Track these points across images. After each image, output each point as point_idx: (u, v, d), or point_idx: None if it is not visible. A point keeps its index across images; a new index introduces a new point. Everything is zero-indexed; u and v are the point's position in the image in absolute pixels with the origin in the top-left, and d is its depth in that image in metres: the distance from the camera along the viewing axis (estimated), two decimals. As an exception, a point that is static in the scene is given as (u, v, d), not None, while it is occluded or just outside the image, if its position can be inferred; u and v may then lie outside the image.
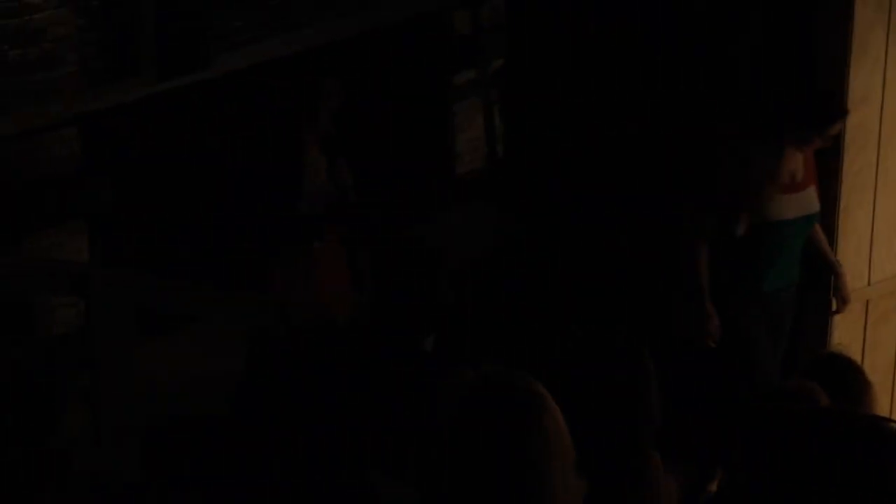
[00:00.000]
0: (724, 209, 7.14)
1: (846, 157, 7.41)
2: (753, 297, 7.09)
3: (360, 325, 3.33)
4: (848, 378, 4.77)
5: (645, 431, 3.82)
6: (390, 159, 9.48)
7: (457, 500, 2.83)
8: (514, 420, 2.84)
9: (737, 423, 4.06)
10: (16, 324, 8.34)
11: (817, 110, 6.85)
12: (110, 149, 8.67)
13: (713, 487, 4.63)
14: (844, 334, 7.50)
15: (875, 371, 7.31)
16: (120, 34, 8.60)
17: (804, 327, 7.50)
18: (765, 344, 7.14)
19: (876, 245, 7.62)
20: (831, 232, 7.47)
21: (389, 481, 3.17)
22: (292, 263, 6.78)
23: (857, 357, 6.30)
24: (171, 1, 8.62)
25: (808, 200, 7.14)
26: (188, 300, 6.34)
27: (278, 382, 2.98)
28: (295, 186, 6.67)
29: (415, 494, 2.98)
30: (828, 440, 3.13)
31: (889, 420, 3.17)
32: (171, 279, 6.37)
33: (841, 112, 6.95)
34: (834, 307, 7.40)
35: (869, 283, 7.64)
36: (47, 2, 8.19)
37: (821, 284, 7.43)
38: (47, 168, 8.37)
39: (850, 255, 7.51)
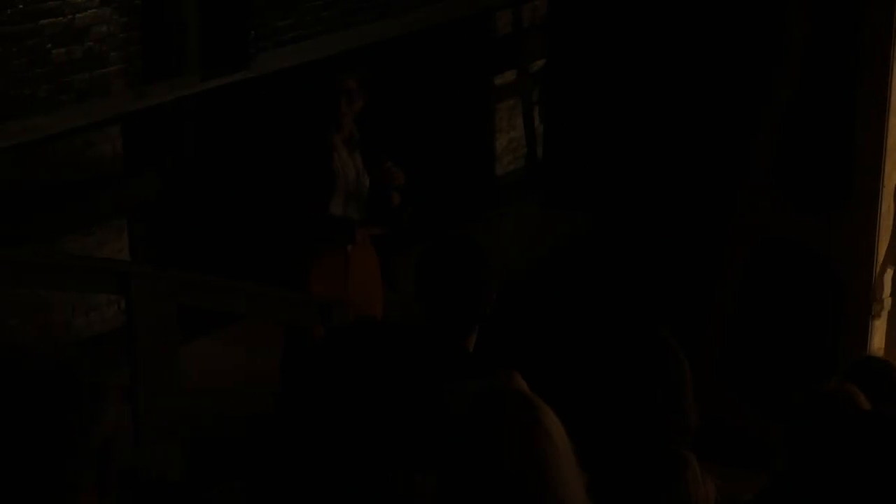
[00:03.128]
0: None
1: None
2: None
3: (399, 325, 3.32)
4: (887, 381, 4.75)
5: (678, 431, 3.80)
6: (431, 160, 9.47)
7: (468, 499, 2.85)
8: (521, 419, 2.85)
9: (788, 425, 4.06)
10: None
11: None
12: (153, 147, 8.71)
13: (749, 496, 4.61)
14: (883, 338, 7.48)
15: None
16: (163, 33, 8.64)
17: (843, 330, 7.47)
18: None
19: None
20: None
21: (425, 480, 3.17)
22: (328, 263, 6.78)
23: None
24: (214, 1, 8.65)
25: None
26: (229, 298, 6.35)
27: (318, 381, 2.98)
28: (329, 187, 6.67)
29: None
30: (879, 444, 3.13)
31: None
32: (212, 277, 6.39)
33: None
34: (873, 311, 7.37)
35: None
36: (90, 1, 8.24)
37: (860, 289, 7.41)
38: (91, 166, 8.42)
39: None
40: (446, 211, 9.99)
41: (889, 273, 7.48)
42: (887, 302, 7.46)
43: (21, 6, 7.84)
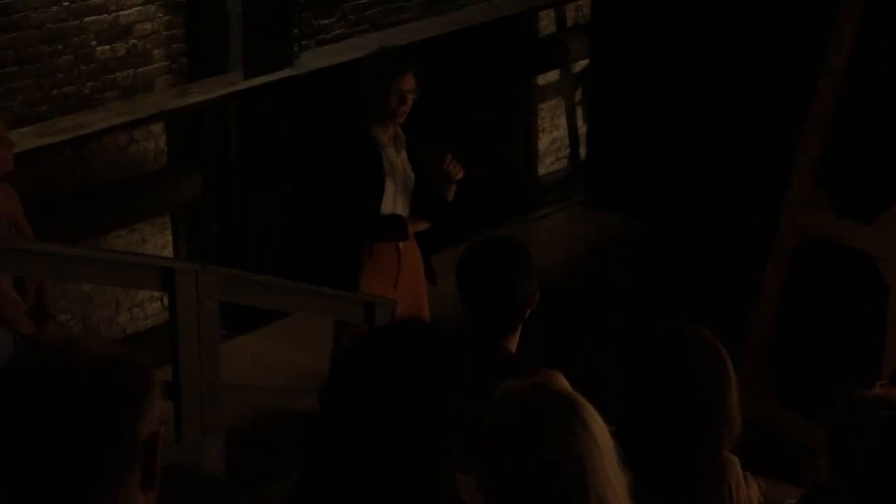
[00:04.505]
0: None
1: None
2: None
3: (441, 325, 3.31)
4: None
5: (722, 433, 3.78)
6: (473, 159, 9.46)
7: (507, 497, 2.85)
8: (563, 418, 2.83)
9: (830, 430, 4.02)
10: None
11: None
12: (196, 145, 8.74)
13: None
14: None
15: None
16: (207, 31, 8.66)
17: (888, 334, 7.41)
18: None
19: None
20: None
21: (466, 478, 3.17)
22: (381, 260, 6.79)
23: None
24: (257, -1, 8.68)
25: None
26: (272, 295, 6.36)
27: (367, 379, 2.98)
28: (379, 184, 6.68)
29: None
30: None
31: None
32: (255, 274, 6.39)
33: None
34: None
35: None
36: (135, -2, 8.29)
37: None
38: (134, 163, 8.45)
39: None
40: (488, 211, 9.98)
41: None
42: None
43: (66, 3, 7.88)
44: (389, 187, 6.72)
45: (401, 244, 6.83)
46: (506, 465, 2.83)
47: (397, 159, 6.77)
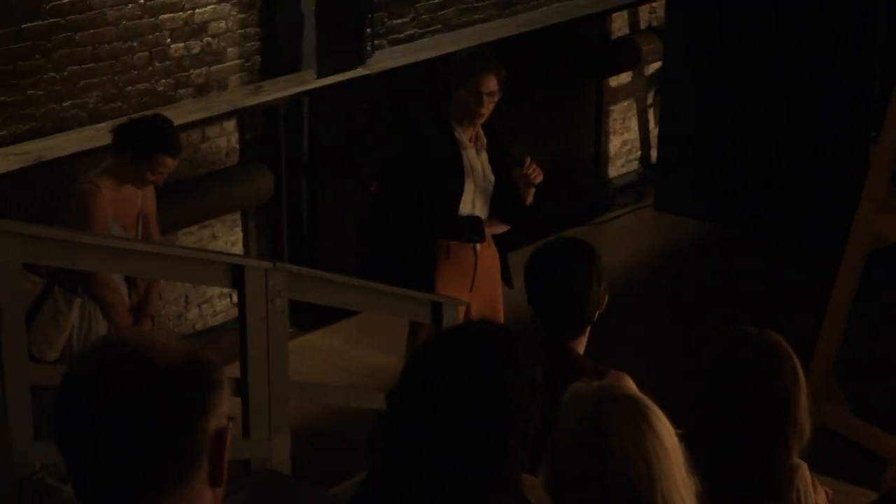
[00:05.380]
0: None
1: None
2: None
3: (518, 326, 3.31)
4: None
5: (790, 438, 3.76)
6: (544, 161, 9.44)
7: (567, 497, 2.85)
8: (631, 420, 2.82)
9: None
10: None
11: None
12: (268, 142, 8.78)
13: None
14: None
15: None
16: (280, 30, 8.70)
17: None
18: None
19: None
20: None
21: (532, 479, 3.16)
22: (458, 261, 6.81)
23: None
24: (331, -2, 8.71)
25: None
26: (340, 294, 6.38)
27: (437, 379, 2.99)
28: (459, 185, 6.69)
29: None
30: None
31: None
32: (323, 272, 6.41)
33: None
34: None
35: None
36: (210, -3, 8.34)
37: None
38: (207, 160, 8.50)
39: None
40: (558, 213, 9.96)
41: None
42: None
43: (142, 1, 7.95)
44: (469, 188, 6.73)
45: (478, 246, 6.84)
46: (573, 467, 2.83)
47: (477, 160, 6.77)
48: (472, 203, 6.76)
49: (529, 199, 6.78)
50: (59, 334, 6.10)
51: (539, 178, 6.70)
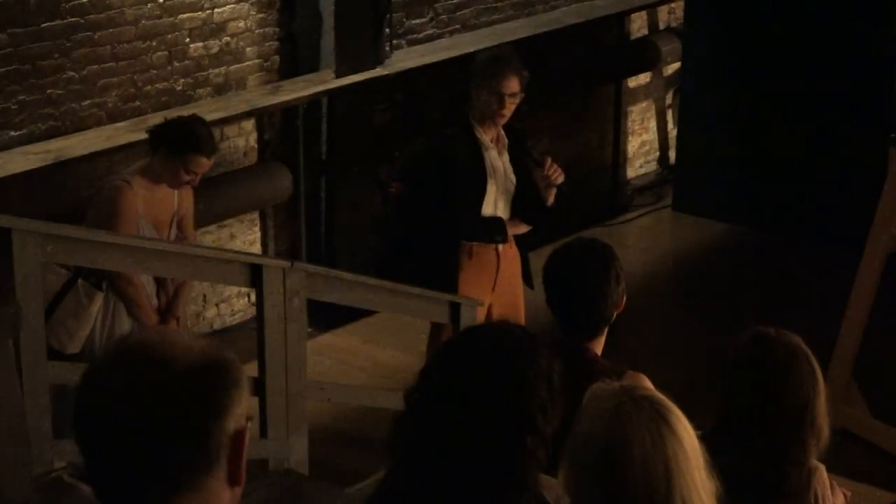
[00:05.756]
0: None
1: None
2: None
3: (538, 327, 3.31)
4: None
5: (809, 441, 3.75)
6: (562, 161, 9.44)
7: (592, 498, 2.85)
8: (650, 421, 2.82)
9: None
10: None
11: None
12: (286, 142, 8.79)
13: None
14: None
15: None
16: (299, 30, 8.71)
17: None
18: None
19: None
20: None
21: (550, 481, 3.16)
22: (480, 261, 6.81)
23: None
24: (350, -1, 8.71)
25: None
26: (358, 293, 6.38)
27: (455, 379, 2.99)
28: (482, 186, 6.69)
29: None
30: None
31: None
32: (341, 272, 6.42)
33: None
34: None
35: None
36: (229, -4, 8.35)
37: None
38: (225, 159, 8.51)
39: None
40: (576, 213, 9.95)
41: None
42: None
43: (161, 0, 7.96)
44: (491, 189, 6.73)
45: (500, 246, 6.84)
46: (592, 467, 2.83)
47: (499, 161, 6.77)
48: (494, 204, 6.77)
49: (550, 200, 6.77)
50: (80, 327, 6.12)
51: (560, 179, 6.70)
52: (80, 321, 6.13)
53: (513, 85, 6.64)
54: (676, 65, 11.38)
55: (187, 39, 8.18)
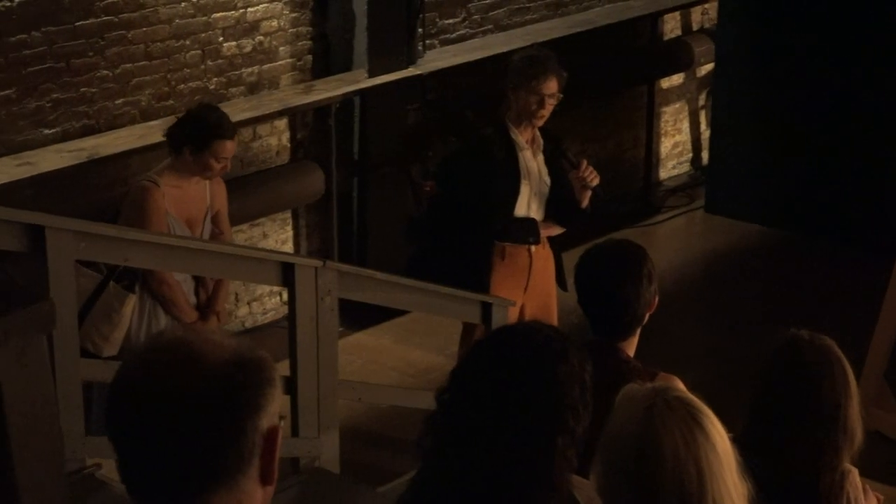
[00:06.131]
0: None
1: None
2: None
3: (570, 328, 3.31)
4: None
5: (841, 444, 3.74)
6: (595, 162, 9.42)
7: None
8: (683, 423, 2.81)
9: None
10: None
11: None
12: (319, 141, 8.80)
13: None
14: None
15: None
16: (332, 29, 8.72)
17: None
18: None
19: None
20: None
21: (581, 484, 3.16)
22: (513, 262, 6.81)
23: None
24: (383, -2, 8.72)
25: None
26: (390, 293, 6.38)
27: (487, 379, 2.99)
28: (515, 187, 6.68)
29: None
30: None
31: None
32: (374, 271, 6.42)
33: None
34: None
35: None
36: (263, -4, 8.37)
37: None
38: (258, 158, 8.53)
39: None
40: (608, 214, 9.93)
41: None
42: None
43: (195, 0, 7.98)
44: (524, 189, 6.72)
45: (532, 247, 6.83)
46: (624, 467, 2.82)
47: (534, 162, 6.76)
48: (527, 205, 6.76)
49: (585, 202, 6.75)
50: (114, 330, 6.11)
51: (595, 181, 6.68)
52: (114, 324, 6.13)
53: (552, 86, 6.62)
54: (710, 66, 11.35)
55: (221, 38, 8.20)
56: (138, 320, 6.23)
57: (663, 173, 11.68)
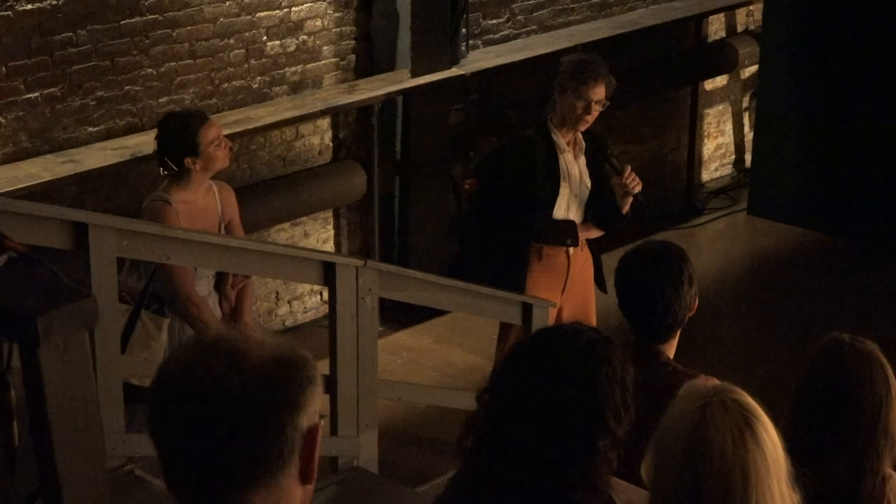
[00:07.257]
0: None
1: None
2: None
3: (610, 329, 3.30)
4: None
5: (884, 448, 3.71)
6: (639, 164, 9.41)
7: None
8: (734, 425, 2.80)
9: None
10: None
11: None
12: (362, 141, 8.82)
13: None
14: None
15: None
16: (375, 29, 8.73)
17: None
18: None
19: None
20: None
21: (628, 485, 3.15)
22: (551, 264, 6.80)
23: None
24: (426, -2, 8.73)
25: None
26: (430, 293, 6.38)
27: (528, 380, 2.99)
28: (555, 189, 6.67)
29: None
30: None
31: None
32: (414, 271, 6.43)
33: None
34: None
35: None
36: (306, -5, 8.39)
37: None
38: (300, 157, 8.56)
39: None
40: (650, 216, 9.91)
41: None
42: None
43: (239, -1, 8.02)
44: (564, 192, 6.71)
45: (571, 250, 6.82)
46: (672, 463, 2.81)
47: (574, 165, 6.75)
48: (566, 207, 6.74)
49: (626, 208, 6.72)
50: (154, 357, 6.02)
51: (638, 188, 6.64)
52: (153, 351, 6.06)
53: (601, 92, 6.60)
54: (754, 68, 11.31)
55: (264, 37, 8.22)
56: (168, 343, 6.13)
57: (706, 175, 11.64)
